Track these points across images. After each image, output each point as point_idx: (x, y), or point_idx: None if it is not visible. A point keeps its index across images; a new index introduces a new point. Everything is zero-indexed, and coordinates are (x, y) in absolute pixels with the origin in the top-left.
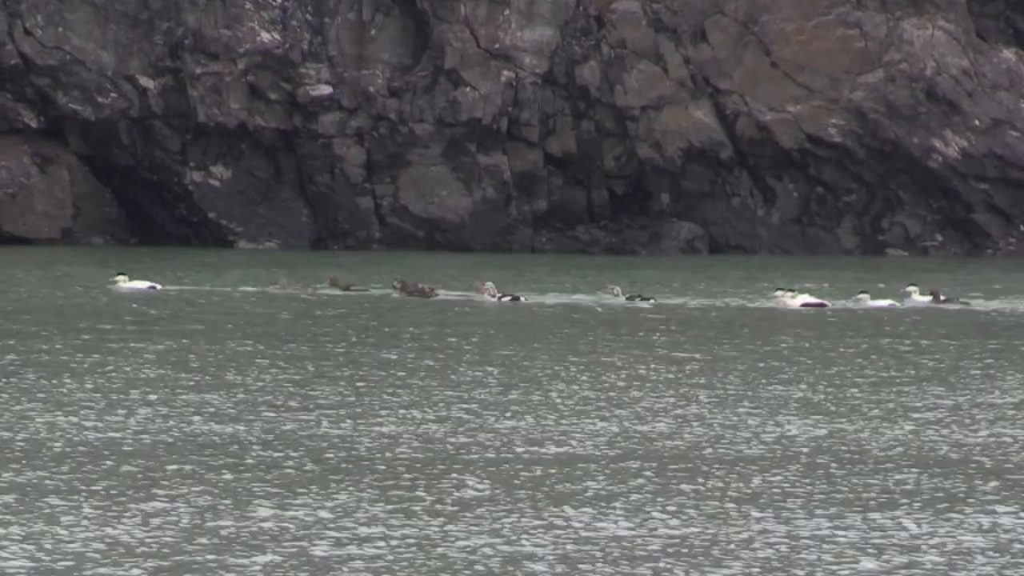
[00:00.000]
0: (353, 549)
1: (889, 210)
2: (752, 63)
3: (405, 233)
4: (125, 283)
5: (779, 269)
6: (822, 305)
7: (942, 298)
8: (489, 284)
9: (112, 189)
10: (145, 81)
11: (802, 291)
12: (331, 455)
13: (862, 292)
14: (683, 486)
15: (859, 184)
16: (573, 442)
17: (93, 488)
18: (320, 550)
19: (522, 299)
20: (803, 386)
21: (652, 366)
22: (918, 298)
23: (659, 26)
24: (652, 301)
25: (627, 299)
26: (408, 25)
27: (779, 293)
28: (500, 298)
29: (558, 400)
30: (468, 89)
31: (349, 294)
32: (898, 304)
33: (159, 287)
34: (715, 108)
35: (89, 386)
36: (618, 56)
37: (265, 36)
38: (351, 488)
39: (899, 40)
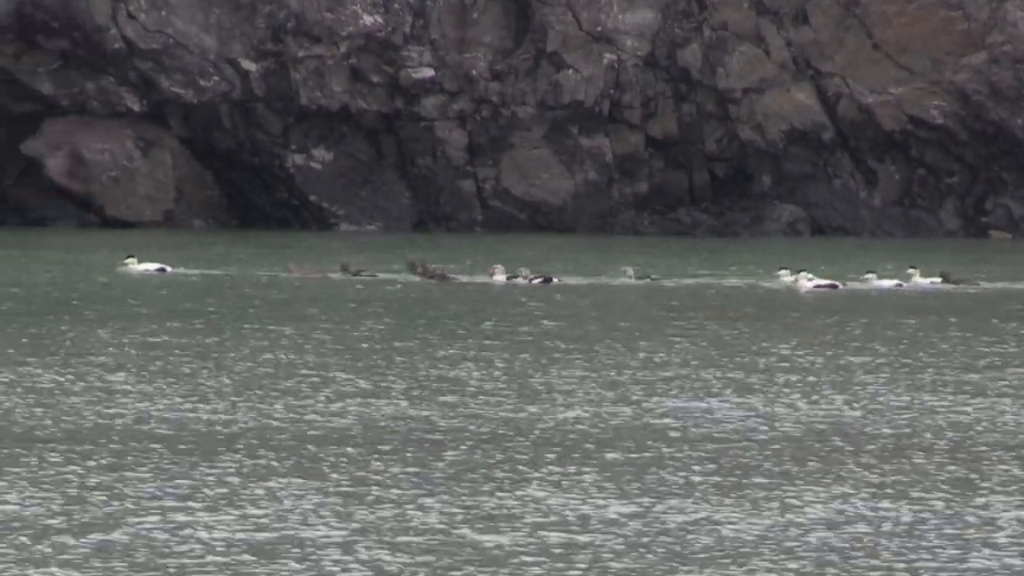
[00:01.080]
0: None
1: (992, 192)
2: (854, 45)
3: (507, 216)
4: (135, 265)
5: (882, 251)
6: (833, 286)
7: (953, 278)
8: (499, 266)
9: (213, 172)
10: (247, 64)
11: (798, 271)
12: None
13: (869, 272)
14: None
15: (961, 166)
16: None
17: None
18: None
19: (555, 280)
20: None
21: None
22: (919, 280)
23: (761, 8)
24: (655, 279)
25: (638, 279)
26: (510, 8)
27: (782, 273)
28: (531, 280)
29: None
30: (570, 72)
31: (361, 278)
32: (905, 284)
33: (169, 269)
34: (817, 90)
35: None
36: (720, 38)
37: (368, 19)
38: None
39: (1002, 22)
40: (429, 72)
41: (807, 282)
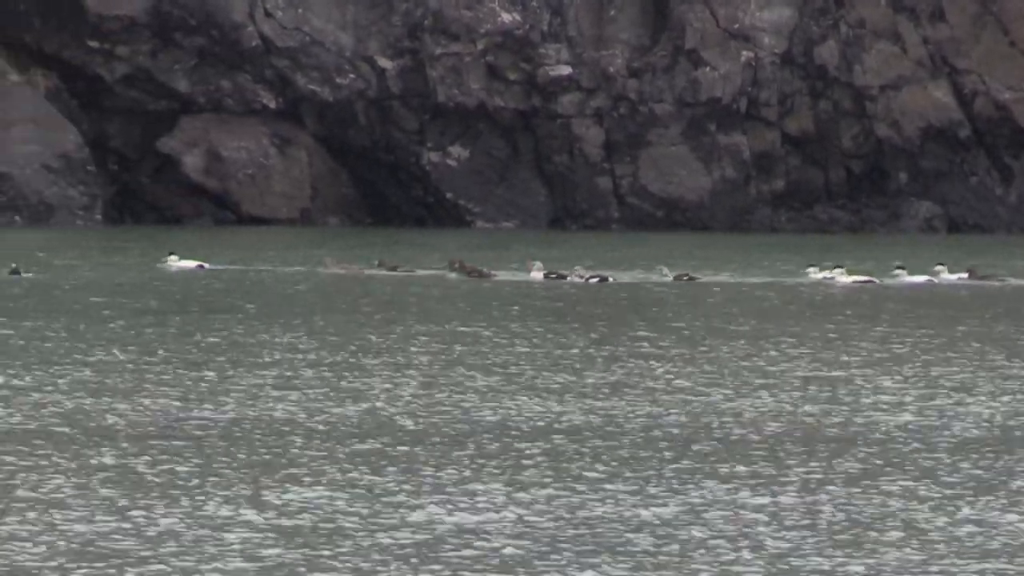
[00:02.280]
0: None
1: None
2: (990, 42)
3: (644, 213)
4: (175, 262)
5: (1018, 247)
6: (870, 282)
7: (980, 274)
8: (537, 263)
9: (348, 170)
10: (383, 62)
11: (822, 267)
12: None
13: (899, 267)
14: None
15: None
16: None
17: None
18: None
19: (610, 279)
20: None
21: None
22: (946, 276)
23: (898, 5)
24: (695, 279)
25: (674, 278)
26: (647, 5)
27: (811, 270)
28: (588, 279)
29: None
30: (708, 69)
31: (395, 274)
32: (935, 280)
33: (207, 266)
34: (953, 87)
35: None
36: (856, 36)
37: (505, 17)
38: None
39: None
40: (566, 69)
41: (844, 278)
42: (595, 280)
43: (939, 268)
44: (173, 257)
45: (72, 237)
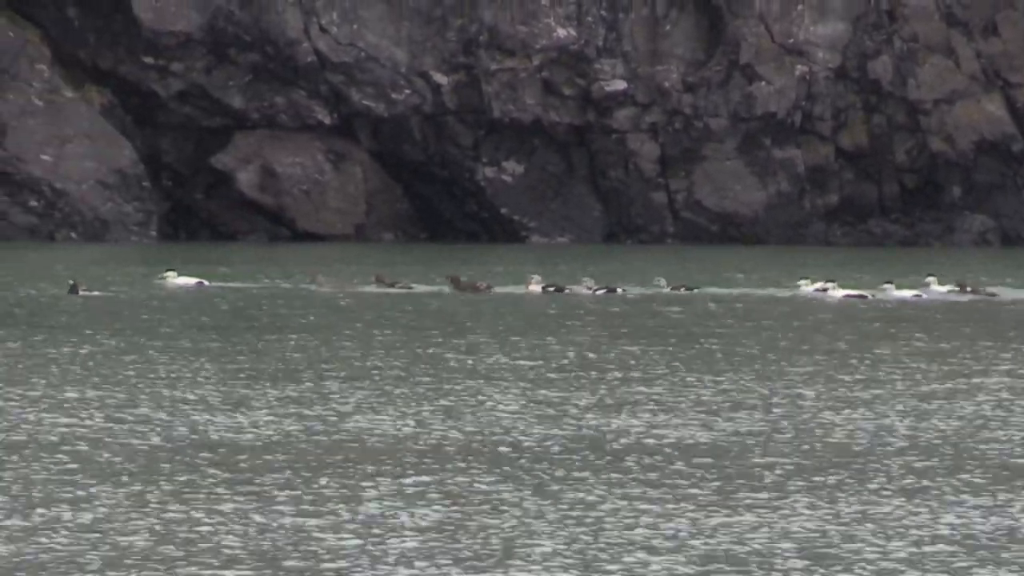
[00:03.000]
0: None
1: None
2: None
3: (699, 227)
4: (174, 279)
5: None
6: (863, 297)
7: (968, 289)
8: (536, 276)
9: (403, 186)
10: (439, 77)
11: (815, 280)
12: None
13: (887, 282)
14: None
15: None
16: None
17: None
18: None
19: (619, 291)
20: None
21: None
22: (936, 288)
23: (951, 20)
24: (695, 290)
25: (671, 289)
26: (702, 20)
27: (803, 283)
28: (596, 291)
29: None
30: (762, 84)
31: (393, 291)
32: (923, 295)
33: (207, 283)
34: (1006, 101)
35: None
36: (910, 50)
37: (561, 32)
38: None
39: None
40: (621, 84)
41: (836, 292)
42: (602, 292)
43: (929, 279)
44: (171, 273)
45: (127, 253)
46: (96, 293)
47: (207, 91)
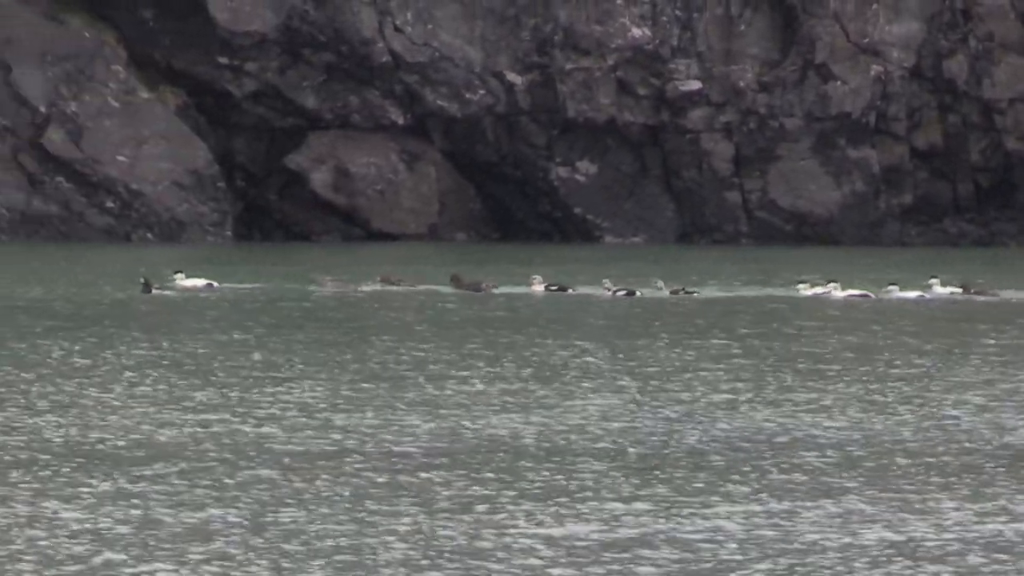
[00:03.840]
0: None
1: None
2: None
3: (773, 227)
4: (182, 281)
5: None
6: (866, 296)
7: (972, 290)
8: (537, 277)
9: (475, 185)
10: (512, 77)
11: (815, 283)
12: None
13: (891, 284)
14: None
15: None
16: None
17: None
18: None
19: (637, 293)
20: None
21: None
22: (939, 290)
23: None
24: (696, 293)
25: (671, 293)
26: (776, 20)
27: (802, 286)
28: (615, 292)
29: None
30: (838, 83)
31: (394, 289)
32: (927, 295)
33: (216, 284)
34: None
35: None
36: (985, 49)
37: (636, 32)
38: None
39: None
40: (696, 84)
41: (839, 292)
42: (623, 294)
43: (932, 281)
44: (180, 275)
45: (203, 254)
46: (168, 292)
47: (281, 91)
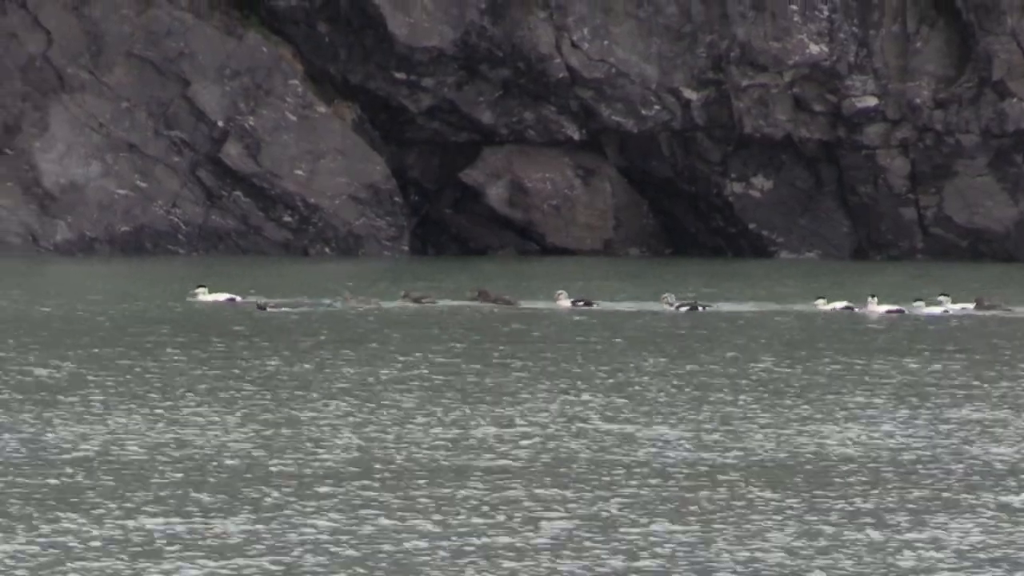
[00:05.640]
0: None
1: None
2: None
3: (948, 243)
4: (205, 295)
5: None
6: (900, 311)
7: (986, 304)
8: (563, 292)
9: (648, 201)
10: (688, 93)
11: (834, 299)
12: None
13: (917, 300)
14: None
15: None
16: None
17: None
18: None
19: (700, 308)
20: None
21: None
22: (950, 306)
23: None
24: (706, 307)
25: (677, 307)
26: (952, 37)
27: (820, 302)
28: (678, 307)
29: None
30: (1014, 100)
31: (423, 306)
32: (950, 310)
33: (239, 299)
34: None
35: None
36: None
37: (813, 48)
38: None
39: None
40: (872, 101)
41: (876, 307)
42: (686, 308)
43: (942, 299)
44: (202, 289)
45: (381, 268)
46: (284, 309)
47: (457, 106)
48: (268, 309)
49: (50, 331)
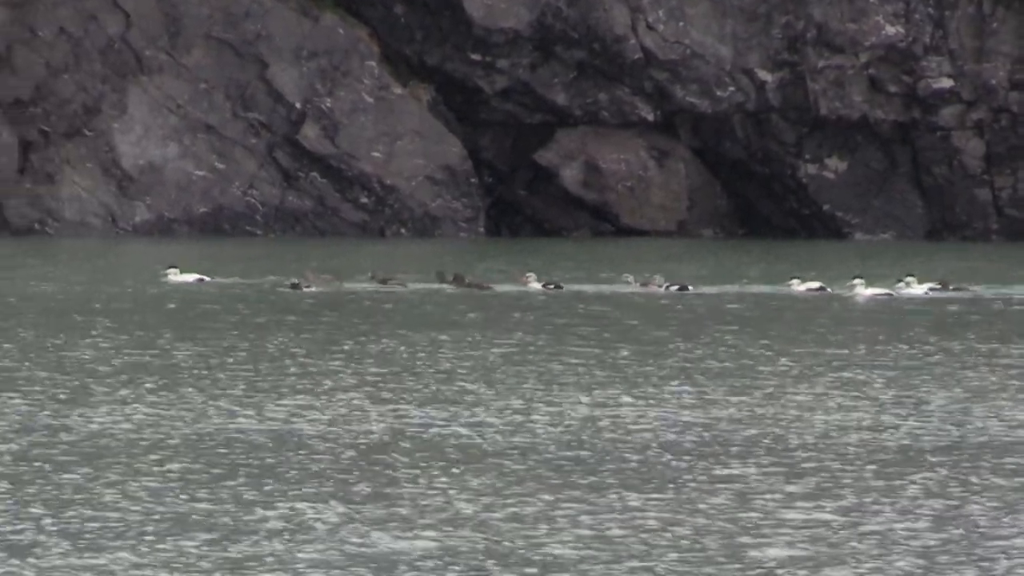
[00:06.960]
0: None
1: None
2: None
3: (1023, 224)
4: (176, 276)
5: None
6: (888, 295)
7: (951, 287)
8: (532, 274)
9: (721, 182)
10: (763, 74)
11: (804, 280)
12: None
13: (909, 276)
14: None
15: None
16: None
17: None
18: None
19: (690, 288)
20: None
21: None
22: (915, 288)
23: None
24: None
25: (665, 288)
26: None
27: (794, 282)
28: (667, 287)
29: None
30: None
31: (391, 288)
32: (893, 293)
33: (207, 279)
34: None
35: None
36: None
37: (890, 30)
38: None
39: None
40: (948, 82)
41: (864, 290)
42: (675, 288)
43: (909, 279)
44: (173, 270)
45: (457, 248)
46: (320, 288)
47: (532, 88)
48: (304, 288)
49: (162, 312)
